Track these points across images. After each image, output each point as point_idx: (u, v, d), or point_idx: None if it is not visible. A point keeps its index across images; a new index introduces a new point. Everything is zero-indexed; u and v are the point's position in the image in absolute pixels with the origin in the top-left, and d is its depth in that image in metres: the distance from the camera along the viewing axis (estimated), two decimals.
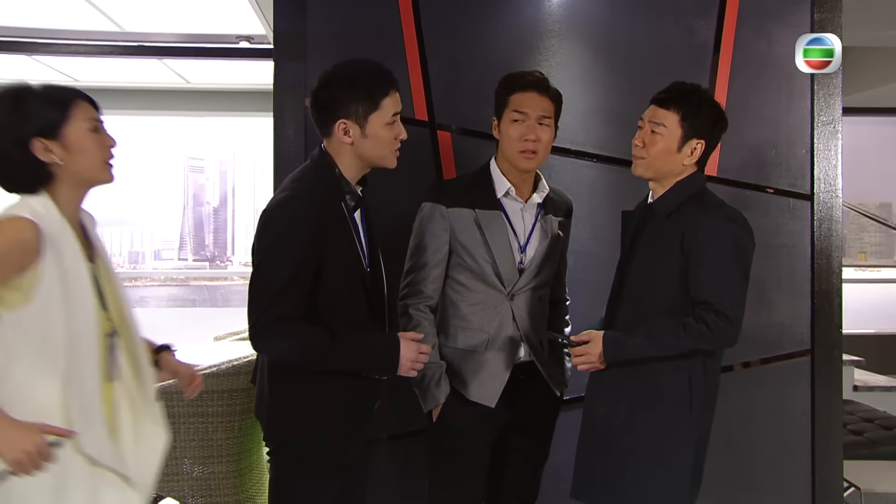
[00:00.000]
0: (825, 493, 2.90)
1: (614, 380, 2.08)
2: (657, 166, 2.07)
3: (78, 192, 1.76)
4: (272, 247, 1.89)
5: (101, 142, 1.75)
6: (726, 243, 1.99)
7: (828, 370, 2.88)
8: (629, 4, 2.87)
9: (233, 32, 5.10)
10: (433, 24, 2.78)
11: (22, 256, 1.61)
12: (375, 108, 1.94)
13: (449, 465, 2.26)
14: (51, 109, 1.69)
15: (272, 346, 1.94)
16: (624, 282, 2.12)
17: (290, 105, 2.72)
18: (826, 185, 2.86)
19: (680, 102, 2.05)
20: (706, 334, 1.96)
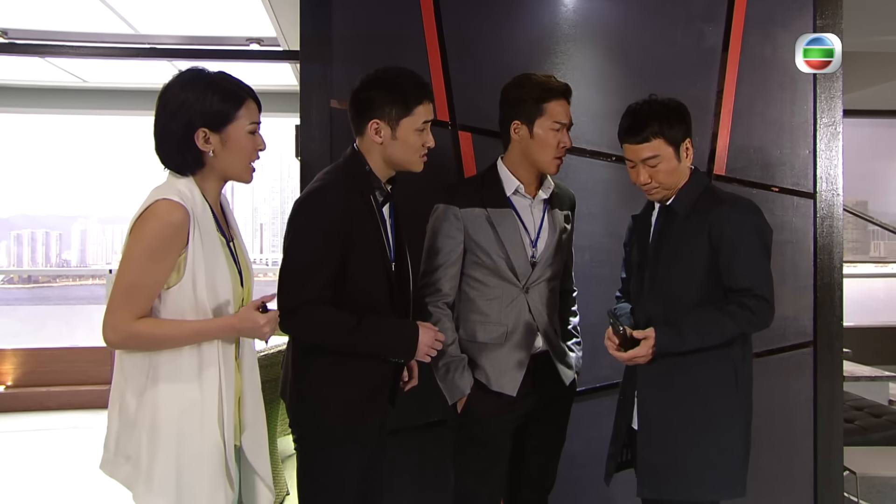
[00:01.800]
0: (827, 478, 3.01)
1: (662, 376, 2.14)
2: (672, 185, 2.16)
3: (220, 183, 1.87)
4: (301, 233, 2.01)
5: (255, 144, 1.84)
6: (752, 232, 2.10)
7: (829, 360, 2.99)
8: (642, 10, 2.96)
9: (243, 35, 5.18)
10: (454, 27, 2.87)
11: (180, 238, 1.72)
12: (408, 114, 2.08)
13: (474, 453, 2.35)
14: (226, 105, 1.78)
15: (300, 328, 2.03)
16: (653, 281, 2.18)
17: (317, 107, 2.80)
18: (828, 185, 2.97)
19: (656, 130, 2.11)
20: (751, 318, 2.07)
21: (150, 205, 1.72)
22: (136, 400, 1.74)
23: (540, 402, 2.38)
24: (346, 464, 2.07)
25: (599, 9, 2.96)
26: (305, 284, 1.99)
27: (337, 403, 2.06)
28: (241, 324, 1.74)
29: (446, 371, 2.30)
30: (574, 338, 2.51)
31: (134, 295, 1.69)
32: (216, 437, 1.75)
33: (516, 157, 2.35)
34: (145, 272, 1.70)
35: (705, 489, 2.13)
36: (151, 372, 1.74)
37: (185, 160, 1.78)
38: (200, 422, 1.74)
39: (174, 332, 1.72)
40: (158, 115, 1.79)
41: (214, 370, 1.76)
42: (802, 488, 3.00)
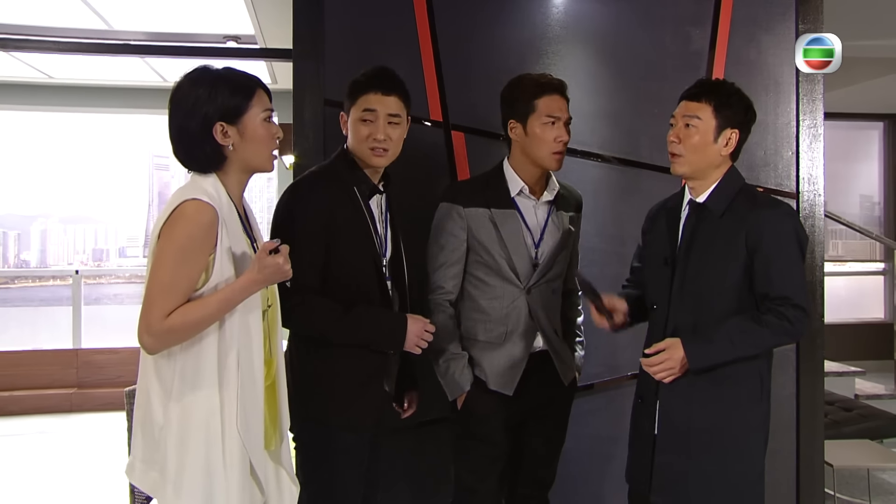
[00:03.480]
0: (809, 471, 3.08)
1: (688, 382, 2.06)
2: (695, 161, 2.09)
3: (243, 177, 1.85)
4: (287, 225, 2.04)
5: (272, 132, 1.83)
6: (791, 238, 2.03)
7: (811, 357, 3.06)
8: (631, 13, 3.00)
9: (220, 32, 5.12)
10: (447, 27, 2.88)
11: (210, 238, 1.70)
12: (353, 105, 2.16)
13: (473, 450, 2.37)
14: (238, 96, 1.77)
15: (292, 317, 2.04)
16: (683, 282, 2.10)
17: (310, 105, 2.79)
18: (810, 185, 3.04)
19: (711, 94, 2.08)
20: (788, 329, 1.99)
21: (178, 206, 1.69)
22: (162, 405, 1.72)
23: (539, 400, 2.40)
24: (344, 455, 2.08)
25: (590, 11, 2.99)
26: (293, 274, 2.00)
27: (332, 394, 2.08)
28: (262, 272, 1.71)
29: (447, 367, 2.32)
30: (577, 337, 2.54)
31: (167, 297, 1.67)
32: (240, 442, 1.73)
33: (518, 156, 2.37)
34: (177, 274, 1.68)
35: (726, 498, 2.07)
36: (178, 376, 1.72)
37: (207, 157, 1.77)
38: (225, 426, 1.72)
39: (203, 310, 1.69)
40: (173, 116, 1.77)
41: (234, 373, 1.74)
42: (785, 482, 3.06)
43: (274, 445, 1.88)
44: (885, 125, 8.25)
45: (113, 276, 10.22)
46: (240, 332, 1.74)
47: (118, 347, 6.70)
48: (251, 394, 1.75)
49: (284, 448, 1.92)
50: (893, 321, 6.35)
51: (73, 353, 6.68)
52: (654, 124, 2.93)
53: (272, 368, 1.88)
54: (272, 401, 1.88)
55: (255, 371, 1.76)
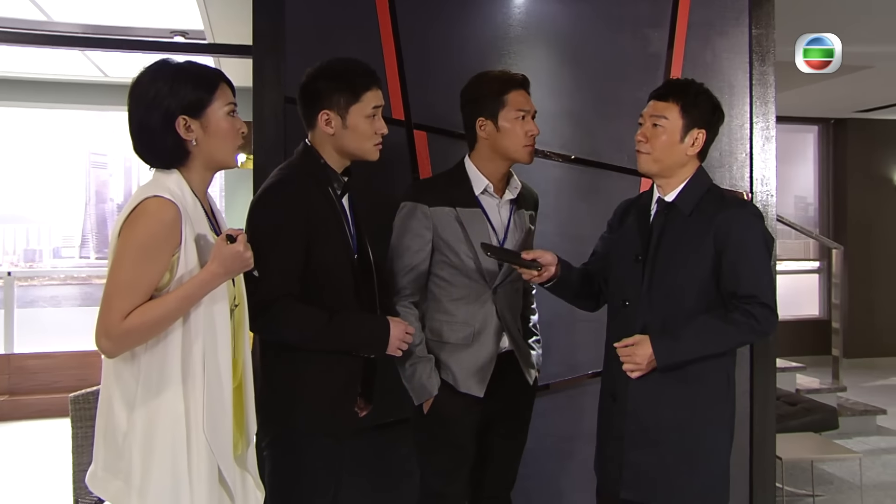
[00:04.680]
0: (761, 465, 3.16)
1: (656, 381, 2.08)
2: (661, 159, 2.11)
3: (207, 174, 1.79)
4: (265, 231, 1.96)
5: (236, 126, 1.78)
6: (758, 238, 2.06)
7: (764, 354, 3.14)
8: (591, 14, 3.03)
9: (167, 27, 4.98)
10: (409, 25, 2.85)
11: (174, 236, 1.64)
12: (357, 100, 2.06)
13: (441, 453, 2.34)
14: (200, 89, 1.72)
15: (273, 327, 1.99)
16: (652, 280, 2.11)
17: (269, 102, 2.73)
18: (763, 186, 3.12)
19: (678, 94, 2.11)
20: (755, 327, 2.01)
21: (140, 203, 1.64)
22: (125, 410, 1.65)
23: (505, 400, 2.39)
24: (323, 460, 2.04)
25: (550, 11, 3.01)
26: (272, 281, 1.95)
27: (313, 400, 2.03)
28: (223, 263, 1.66)
29: (413, 372, 2.29)
30: (534, 336, 2.54)
31: (126, 298, 1.61)
32: (207, 447, 1.68)
33: (485, 154, 2.35)
34: (138, 273, 1.62)
35: (693, 495, 2.10)
36: (142, 378, 1.65)
37: (169, 152, 1.72)
38: (191, 431, 1.66)
39: (162, 308, 1.63)
40: (132, 112, 1.71)
41: (199, 371, 1.68)
42: (738, 476, 3.12)
43: (240, 450, 1.84)
44: (820, 129, 8.57)
45: (47, 278, 9.85)
46: (204, 323, 1.68)
47: (54, 352, 6.45)
48: (218, 396, 1.70)
49: (250, 453, 1.88)
50: (830, 318, 6.57)
51: (5, 359, 6.40)
52: (614, 124, 2.98)
53: (239, 370, 1.83)
54: (239, 404, 1.83)
55: (221, 368, 1.71)
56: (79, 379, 6.04)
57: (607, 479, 2.22)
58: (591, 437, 2.33)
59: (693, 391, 2.09)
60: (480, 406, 2.33)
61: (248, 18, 2.82)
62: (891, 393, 6.88)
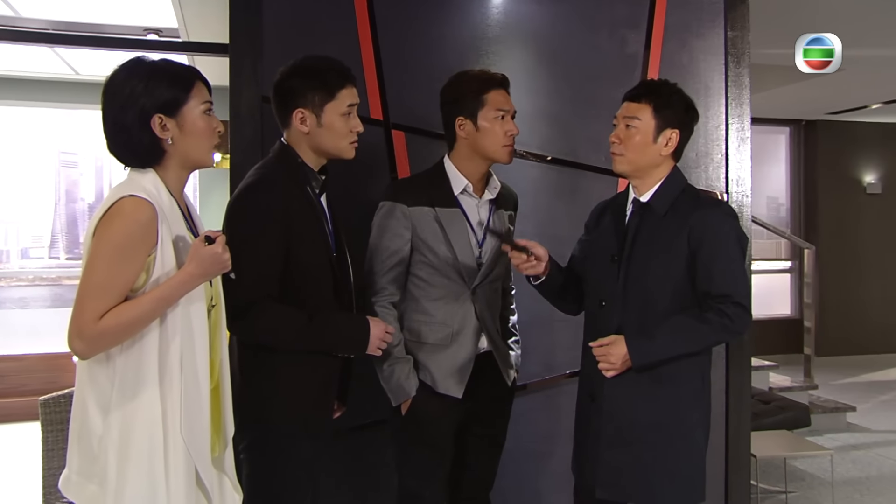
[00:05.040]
0: (736, 463, 3.20)
1: (632, 381, 2.08)
2: (635, 159, 2.13)
3: (183, 173, 1.77)
4: (244, 232, 1.94)
5: (212, 125, 1.75)
6: (732, 237, 2.07)
7: (739, 353, 3.18)
8: (569, 15, 3.04)
9: (140, 24, 4.91)
10: (388, 25, 2.84)
11: (150, 236, 1.62)
12: (331, 98, 2.05)
13: (419, 455, 2.33)
14: (176, 88, 1.69)
15: (253, 329, 1.98)
16: (627, 280, 2.12)
17: (247, 101, 2.70)
18: (738, 187, 3.15)
19: (651, 95, 2.12)
20: (729, 326, 2.02)
21: (115, 202, 1.61)
22: (100, 413, 1.63)
23: (484, 401, 2.38)
24: (302, 462, 2.02)
25: (529, 12, 3.01)
26: (253, 283, 1.93)
27: (292, 401, 2.02)
28: (201, 265, 1.63)
29: (391, 373, 2.27)
30: (513, 336, 2.54)
31: (100, 298, 1.58)
32: (184, 449, 1.66)
33: (465, 154, 2.34)
34: (112, 273, 1.59)
35: (668, 493, 2.11)
36: (118, 380, 1.63)
37: (145, 150, 1.69)
38: (168, 433, 1.64)
39: (137, 309, 1.60)
40: (106, 110, 1.69)
41: (177, 371, 1.66)
42: (714, 475, 3.15)
43: (218, 451, 1.82)
44: (791, 130, 8.68)
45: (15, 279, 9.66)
46: (182, 324, 1.66)
47: (22, 354, 6.32)
48: (195, 397, 1.68)
49: (227, 455, 1.85)
50: (802, 317, 6.66)
51: None
52: (592, 125, 2.99)
53: (216, 371, 1.81)
54: (216, 405, 1.81)
55: (199, 369, 1.68)
56: (48, 382, 5.93)
57: (584, 479, 2.23)
58: (569, 437, 2.34)
59: (668, 391, 2.10)
60: (459, 407, 2.32)
61: (224, 16, 2.79)
62: (860, 390, 7.00)
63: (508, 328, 2.53)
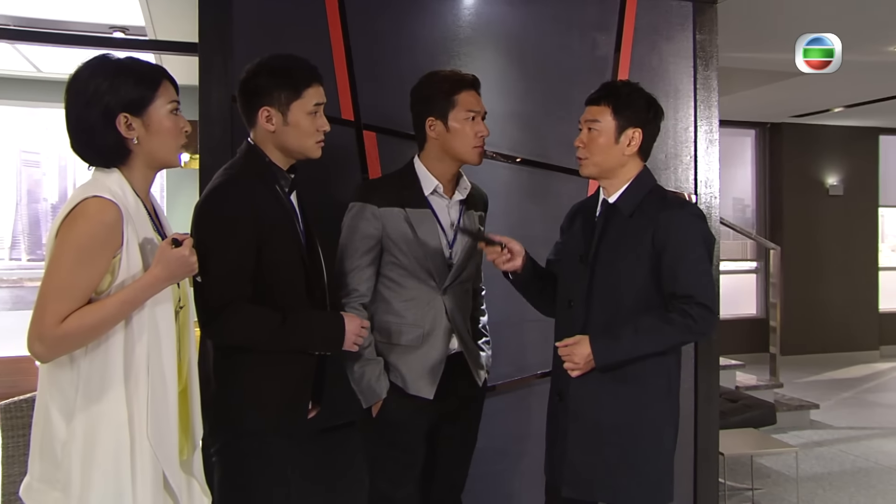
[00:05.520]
0: (705, 460, 3.24)
1: (597, 381, 2.10)
2: (600, 162, 2.14)
3: (149, 173, 1.74)
4: (214, 233, 1.92)
5: (179, 125, 1.73)
6: (698, 238, 2.07)
7: (708, 352, 3.22)
8: (540, 17, 3.05)
9: (106, 22, 4.83)
10: (359, 25, 2.83)
11: (114, 238, 1.59)
12: (298, 97, 2.03)
13: (390, 458, 2.32)
14: (142, 86, 1.66)
15: (227, 331, 1.95)
16: (596, 279, 2.13)
17: (216, 101, 2.67)
18: (707, 188, 3.19)
19: (610, 96, 2.14)
20: (692, 327, 2.01)
21: (79, 203, 1.58)
22: (64, 418, 1.59)
23: (455, 402, 2.38)
24: (275, 464, 2.00)
25: (500, 13, 3.02)
26: (225, 285, 1.91)
27: (265, 402, 1.99)
28: (168, 267, 1.61)
29: (362, 374, 2.26)
30: (484, 337, 2.53)
31: (62, 301, 1.55)
32: (151, 453, 1.63)
33: (435, 154, 2.33)
34: (75, 275, 1.56)
35: (634, 493, 2.12)
36: (82, 383, 1.60)
37: (110, 150, 1.66)
38: (135, 437, 1.61)
39: (101, 312, 1.58)
40: (70, 108, 1.66)
41: (143, 373, 1.63)
42: (683, 473, 3.19)
43: (186, 454, 1.79)
44: (757, 132, 8.81)
45: None
46: (148, 324, 1.64)
47: None
48: (163, 400, 1.65)
49: (196, 458, 1.83)
50: (767, 317, 6.76)
51: None
52: (563, 127, 3.00)
53: (184, 373, 1.78)
54: (184, 408, 1.78)
55: (166, 371, 1.66)
56: (10, 386, 5.79)
57: (554, 478, 2.24)
58: (540, 437, 2.35)
59: (633, 391, 2.11)
60: (430, 408, 2.31)
61: (192, 15, 2.76)
62: (823, 388, 7.13)
63: (479, 329, 2.53)
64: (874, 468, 4.77)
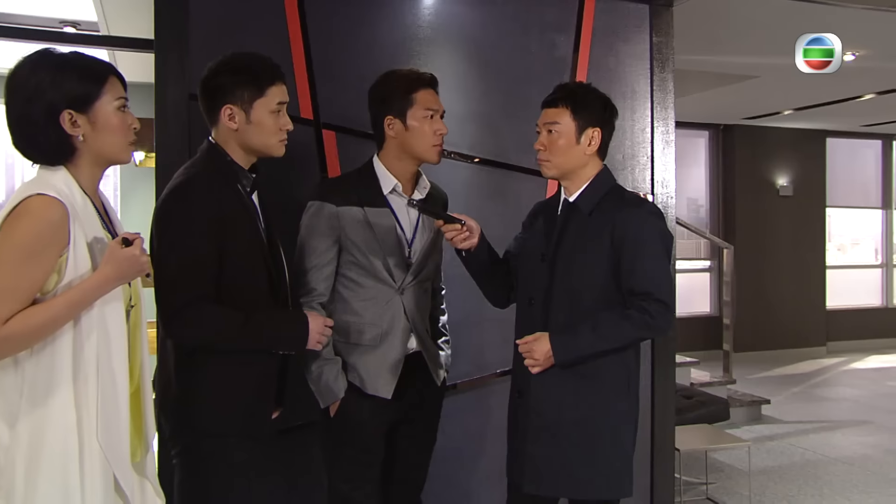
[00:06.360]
0: (662, 457, 3.29)
1: (557, 377, 2.12)
2: (562, 163, 2.17)
3: (97, 170, 1.69)
4: (174, 231, 1.90)
5: (127, 122, 1.68)
6: (655, 236, 2.09)
7: (664, 351, 3.27)
8: (499, 17, 3.06)
9: (56, 16, 4.70)
10: (318, 24, 2.81)
11: (60, 236, 1.54)
12: (261, 95, 2.01)
13: (349, 458, 2.31)
14: (87, 82, 1.61)
15: (189, 331, 1.92)
16: (557, 277, 2.15)
17: (173, 100, 2.62)
18: (663, 188, 3.24)
19: (567, 98, 2.16)
20: (650, 323, 2.04)
21: (22, 201, 1.54)
22: (7, 423, 1.55)
23: (413, 402, 2.38)
24: (237, 466, 1.98)
25: (459, 14, 3.03)
26: (187, 284, 1.88)
27: (228, 404, 1.97)
28: (118, 267, 1.57)
29: (320, 374, 2.24)
30: (443, 336, 2.54)
31: (5, 301, 1.50)
32: (102, 457, 1.59)
33: (393, 153, 2.32)
34: (18, 275, 1.52)
35: (594, 488, 2.14)
36: (27, 386, 1.55)
37: (53, 147, 1.62)
38: (84, 440, 1.58)
39: (48, 313, 1.53)
40: (11, 104, 1.61)
41: (93, 374, 1.59)
42: (640, 469, 3.23)
43: (139, 457, 1.76)
44: (710, 134, 8.99)
45: None
46: (97, 324, 1.60)
47: None
48: (113, 401, 1.62)
49: (149, 459, 1.80)
50: (721, 314, 6.90)
51: None
52: (522, 127, 3.02)
53: (136, 373, 1.75)
54: (136, 409, 1.75)
55: (116, 371, 1.62)
56: None
57: (514, 474, 2.26)
58: (500, 435, 2.36)
59: (592, 387, 2.13)
60: (388, 407, 2.31)
61: (147, 11, 2.71)
62: (774, 384, 7.31)
63: (438, 328, 2.53)
64: (821, 460, 4.91)
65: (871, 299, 9.79)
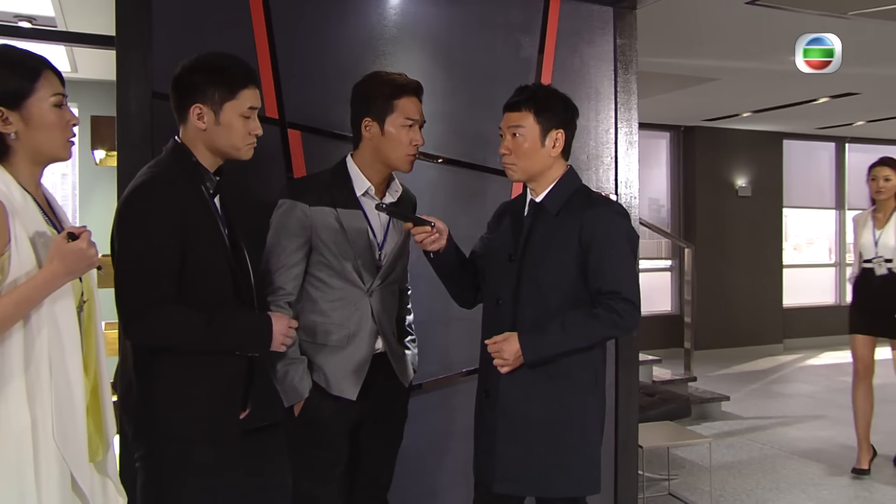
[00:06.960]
0: (625, 454, 3.33)
1: (525, 376, 2.13)
2: (528, 166, 2.19)
3: (35, 167, 1.65)
4: (136, 231, 1.87)
5: (64, 119, 1.63)
6: (622, 235, 2.12)
7: (628, 347, 3.31)
8: (465, 18, 3.07)
9: (10, 10, 4.58)
10: (283, 23, 2.78)
11: (0, 236, 1.50)
12: (232, 97, 1.99)
13: (312, 457, 2.30)
14: (18, 78, 1.56)
15: (151, 332, 1.88)
16: (524, 277, 2.17)
17: (136, 97, 2.57)
18: (627, 188, 3.28)
19: (529, 101, 2.17)
20: (617, 321, 2.07)
21: None
22: None
23: (378, 402, 2.37)
24: (203, 469, 1.95)
25: (425, 14, 3.03)
26: (149, 284, 1.85)
27: (193, 405, 1.93)
28: (64, 262, 1.53)
29: (285, 374, 2.23)
30: (409, 335, 2.54)
31: None
32: (59, 456, 1.56)
33: (368, 155, 2.31)
34: None
35: (563, 486, 2.16)
36: None
37: None
38: (39, 441, 1.54)
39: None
40: None
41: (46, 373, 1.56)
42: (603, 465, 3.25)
43: (100, 455, 1.73)
44: (672, 135, 9.11)
45: None
46: (47, 322, 1.56)
47: None
48: (68, 400, 1.58)
49: (110, 457, 1.77)
50: (682, 313, 6.99)
51: None
52: (489, 128, 3.02)
53: (92, 370, 1.72)
54: (95, 406, 1.72)
55: (70, 369, 1.59)
56: None
57: (482, 474, 2.27)
58: (465, 434, 2.37)
59: (560, 386, 2.15)
60: (353, 407, 2.30)
61: (107, 6, 2.66)
62: (734, 380, 7.44)
63: (405, 328, 2.53)
64: (778, 455, 5.01)
65: (826, 297, 10.02)
